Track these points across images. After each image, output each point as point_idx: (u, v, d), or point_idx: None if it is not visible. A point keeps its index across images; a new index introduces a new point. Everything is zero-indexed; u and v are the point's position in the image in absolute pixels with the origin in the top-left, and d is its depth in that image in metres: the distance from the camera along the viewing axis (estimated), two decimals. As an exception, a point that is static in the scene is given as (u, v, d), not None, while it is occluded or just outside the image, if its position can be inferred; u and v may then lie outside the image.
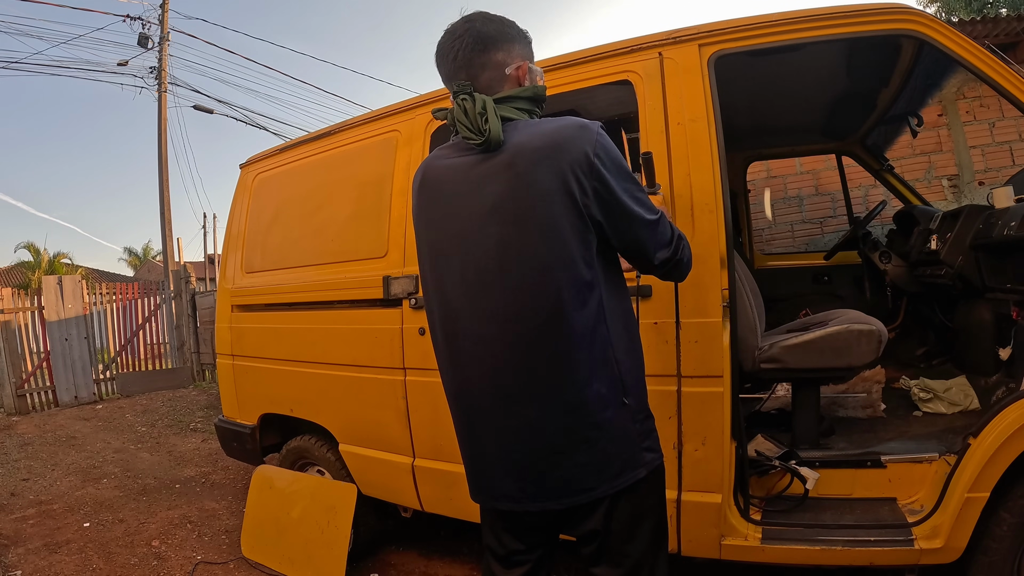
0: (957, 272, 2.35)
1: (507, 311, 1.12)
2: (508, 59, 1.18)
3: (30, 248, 21.09)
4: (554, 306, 1.09)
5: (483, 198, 1.12)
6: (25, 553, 3.00)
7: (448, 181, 1.18)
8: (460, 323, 1.17)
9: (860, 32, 1.80)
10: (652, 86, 1.91)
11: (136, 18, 10.72)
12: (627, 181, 1.13)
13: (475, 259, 1.13)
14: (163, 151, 10.64)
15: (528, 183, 1.08)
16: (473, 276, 1.14)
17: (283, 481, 2.76)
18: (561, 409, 1.11)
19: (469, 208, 1.14)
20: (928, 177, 4.90)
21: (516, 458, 1.15)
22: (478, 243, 1.13)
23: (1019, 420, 1.58)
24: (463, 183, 1.15)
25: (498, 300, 1.12)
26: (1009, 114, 4.78)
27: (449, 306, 1.18)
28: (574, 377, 1.10)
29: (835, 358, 2.03)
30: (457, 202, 1.16)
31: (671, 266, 1.21)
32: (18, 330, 7.33)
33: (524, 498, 1.16)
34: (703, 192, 1.81)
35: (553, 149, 1.08)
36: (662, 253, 1.18)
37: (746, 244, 3.74)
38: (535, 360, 1.11)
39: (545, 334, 1.10)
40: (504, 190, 1.10)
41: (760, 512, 1.88)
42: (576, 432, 1.12)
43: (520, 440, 1.14)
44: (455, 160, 1.18)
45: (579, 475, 1.12)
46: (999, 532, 1.62)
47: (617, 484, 1.14)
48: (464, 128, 1.11)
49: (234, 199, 3.16)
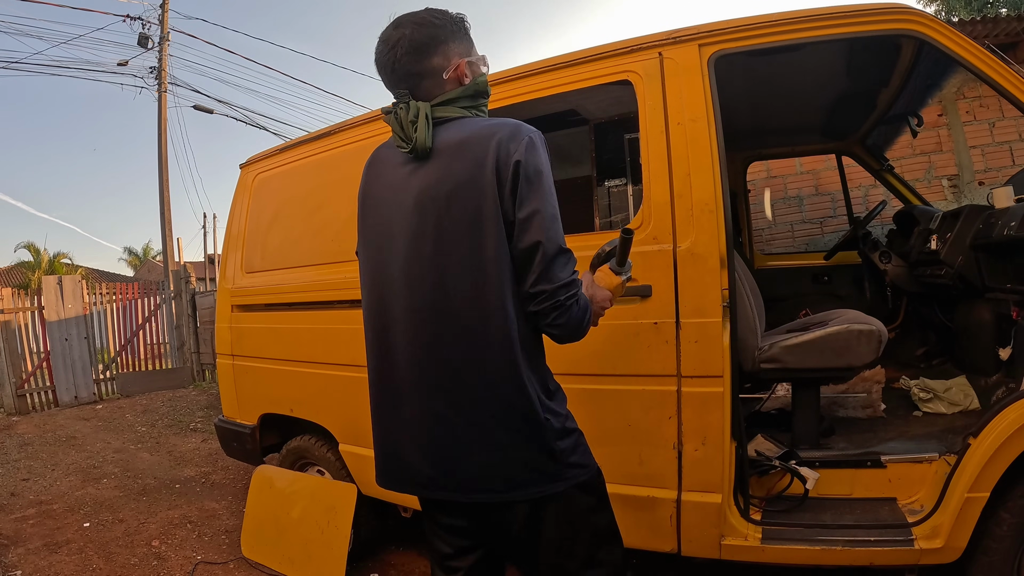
0: (957, 272, 2.35)
1: (426, 304, 1.14)
2: (444, 62, 1.18)
3: (30, 248, 21.12)
4: (472, 304, 1.11)
5: (409, 191, 1.16)
6: (25, 553, 3.00)
7: (384, 174, 1.23)
8: (389, 313, 1.19)
9: (860, 32, 1.80)
10: (652, 86, 1.91)
11: (136, 18, 10.73)
12: (542, 198, 1.11)
13: (400, 251, 1.17)
14: (163, 151, 10.64)
15: (449, 173, 1.11)
16: (398, 269, 1.17)
17: (283, 481, 2.76)
18: (472, 406, 1.13)
19: (398, 201, 1.18)
20: (928, 177, 4.90)
21: (431, 446, 1.17)
22: (403, 235, 1.16)
23: (1019, 420, 1.58)
24: (394, 176, 1.20)
25: (418, 293, 1.15)
26: (1009, 114, 4.78)
27: (379, 295, 1.22)
28: (487, 378, 1.12)
29: (835, 358, 2.03)
30: (388, 195, 1.20)
31: (548, 306, 1.11)
32: (18, 330, 7.33)
33: (434, 486, 1.19)
34: (703, 192, 1.81)
35: (478, 143, 1.11)
36: (541, 285, 1.10)
37: (746, 244, 3.74)
38: (452, 354, 1.13)
39: (464, 331, 1.12)
40: (428, 183, 1.13)
41: (760, 512, 1.88)
42: (486, 431, 1.13)
43: (435, 427, 1.16)
44: (393, 152, 1.22)
45: (486, 474, 1.14)
46: (999, 532, 1.62)
47: (529, 493, 1.14)
48: (396, 136, 1.16)
49: (234, 199, 3.16)
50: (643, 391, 1.85)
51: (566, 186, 4.08)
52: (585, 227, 3.51)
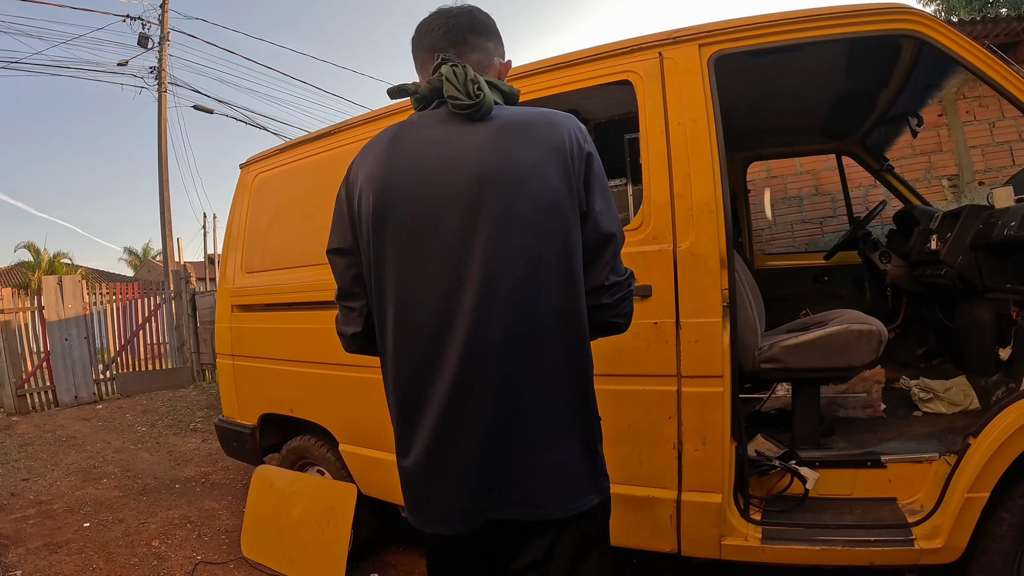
0: (957, 272, 2.35)
1: (486, 293, 0.99)
2: (497, 51, 1.17)
3: (30, 248, 21.11)
4: (555, 300, 1.01)
5: (465, 169, 1.01)
6: (25, 553, 3.00)
7: (419, 151, 1.05)
8: (445, 311, 1.00)
9: (860, 32, 1.80)
10: (652, 86, 1.91)
11: (136, 18, 10.73)
12: (608, 192, 1.10)
13: (458, 238, 1.00)
14: (163, 151, 10.64)
15: (517, 154, 1.01)
16: (456, 260, 1.00)
17: (283, 481, 2.76)
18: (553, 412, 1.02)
19: (449, 180, 1.02)
20: (928, 177, 4.90)
21: (502, 460, 1.01)
22: (462, 221, 1.00)
23: (1019, 420, 1.58)
24: (436, 152, 1.04)
25: (476, 282, 0.99)
26: (1009, 114, 4.78)
27: (409, 286, 1.03)
28: (571, 380, 1.03)
29: (835, 358, 2.03)
30: (432, 173, 1.03)
31: (619, 297, 1.10)
32: (18, 330, 7.33)
33: (501, 505, 1.03)
34: (703, 192, 1.81)
35: (548, 128, 1.04)
36: (614, 277, 1.08)
37: (746, 244, 3.74)
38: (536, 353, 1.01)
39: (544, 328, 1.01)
40: (492, 162, 1.01)
41: (760, 512, 1.88)
42: (562, 438, 1.03)
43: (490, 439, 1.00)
44: (429, 129, 1.07)
45: (539, 487, 1.01)
46: (999, 532, 1.62)
47: (572, 508, 1.03)
48: (454, 89, 1.01)
49: (234, 199, 3.16)
50: (643, 391, 1.85)
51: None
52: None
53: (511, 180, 1.00)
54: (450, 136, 1.04)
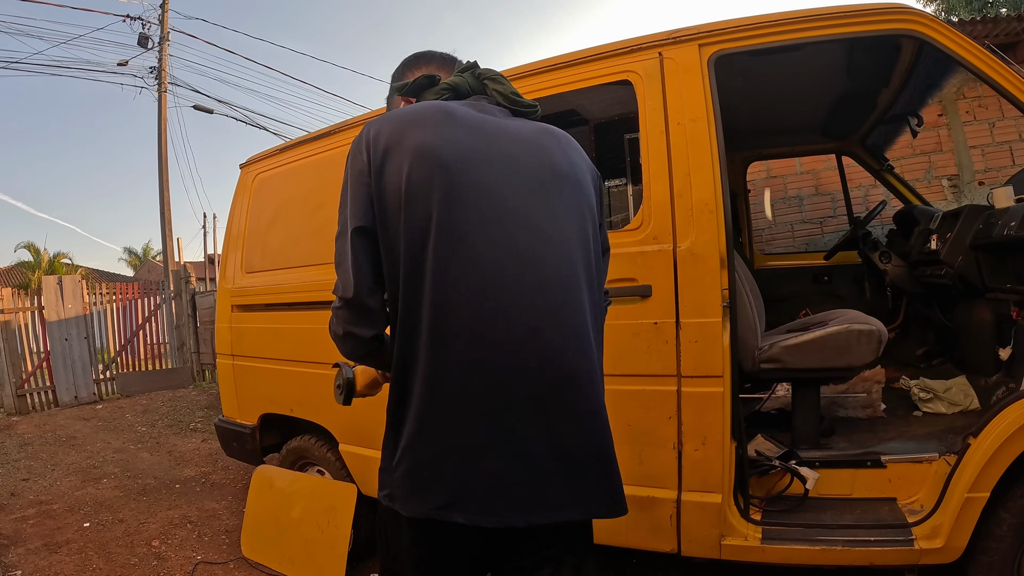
0: (957, 272, 2.35)
1: (561, 278, 0.99)
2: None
3: (30, 248, 21.11)
4: (587, 283, 1.04)
5: (530, 156, 1.02)
6: (25, 553, 2.99)
7: (485, 128, 1.02)
8: (507, 287, 0.95)
9: (860, 32, 1.80)
10: (652, 86, 1.91)
11: (136, 18, 10.73)
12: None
13: (544, 219, 0.99)
14: (163, 151, 10.65)
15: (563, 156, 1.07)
16: (543, 237, 0.98)
17: (283, 481, 2.76)
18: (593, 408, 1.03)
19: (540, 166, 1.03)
20: (928, 177, 4.90)
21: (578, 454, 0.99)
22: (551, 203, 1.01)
23: (1019, 420, 1.58)
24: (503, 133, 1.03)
25: (554, 265, 0.98)
26: (1009, 114, 4.78)
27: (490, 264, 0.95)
28: (596, 378, 1.05)
29: (835, 358, 2.03)
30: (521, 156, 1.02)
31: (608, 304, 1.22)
32: (18, 330, 7.32)
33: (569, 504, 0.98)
34: (703, 192, 1.81)
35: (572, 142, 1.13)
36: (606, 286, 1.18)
37: (746, 244, 3.74)
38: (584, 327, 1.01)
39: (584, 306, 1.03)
40: (562, 156, 1.06)
41: (760, 512, 1.88)
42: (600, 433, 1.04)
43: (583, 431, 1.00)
44: (492, 118, 1.05)
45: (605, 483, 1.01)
46: (999, 532, 1.62)
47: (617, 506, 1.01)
48: (508, 88, 1.09)
49: (234, 199, 3.16)
50: (643, 391, 1.85)
51: (566, 186, 4.08)
52: (585, 227, 3.51)
53: (576, 180, 1.06)
54: (508, 125, 1.05)
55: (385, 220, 0.97)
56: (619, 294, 1.88)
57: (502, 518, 0.94)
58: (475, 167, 0.97)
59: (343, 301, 1.00)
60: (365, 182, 0.99)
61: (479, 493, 0.94)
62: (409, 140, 0.97)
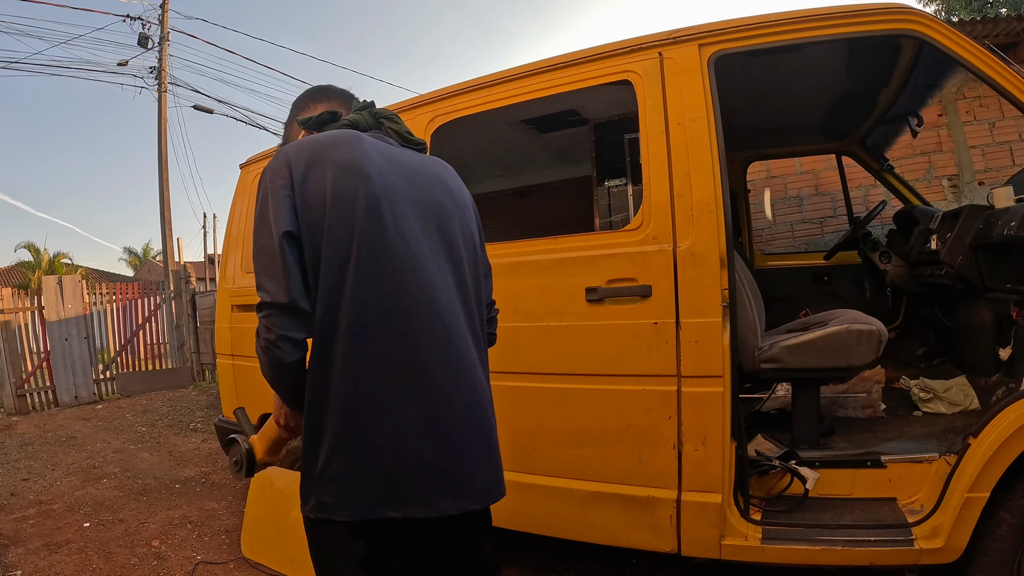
0: (957, 272, 2.34)
1: (459, 281, 1.13)
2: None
3: (30, 248, 21.10)
4: (479, 285, 1.20)
5: (429, 184, 1.16)
6: (25, 553, 2.99)
7: (391, 156, 1.13)
8: (419, 288, 1.06)
9: (860, 32, 1.80)
10: (652, 86, 1.91)
11: (136, 18, 10.73)
12: None
13: (444, 233, 1.13)
14: (163, 151, 10.65)
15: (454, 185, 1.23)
16: (438, 245, 1.12)
17: (283, 481, 2.75)
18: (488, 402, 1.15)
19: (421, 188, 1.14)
20: (928, 177, 4.90)
21: (488, 438, 1.11)
22: (448, 220, 1.15)
23: (1019, 420, 1.58)
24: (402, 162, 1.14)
25: (459, 269, 1.14)
26: (1009, 114, 4.78)
27: (403, 270, 1.05)
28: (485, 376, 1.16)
29: (835, 358, 2.03)
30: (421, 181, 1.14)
31: (495, 315, 1.36)
32: (18, 330, 7.32)
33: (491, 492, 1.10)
34: (703, 192, 1.81)
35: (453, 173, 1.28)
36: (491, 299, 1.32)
37: (746, 244, 3.74)
38: (477, 331, 1.17)
39: (479, 309, 1.19)
40: (444, 184, 1.20)
41: (760, 512, 1.88)
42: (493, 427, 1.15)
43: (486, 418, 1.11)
44: (393, 148, 1.17)
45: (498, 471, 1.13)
46: (999, 532, 1.62)
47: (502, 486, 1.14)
48: (402, 126, 1.22)
49: (234, 199, 3.16)
50: (643, 391, 1.85)
51: (566, 186, 4.09)
52: (585, 227, 3.51)
53: (464, 205, 1.22)
54: (408, 153, 1.19)
55: (308, 231, 1.01)
56: (619, 294, 1.88)
57: (436, 506, 1.00)
58: (391, 183, 1.08)
59: (277, 307, 1.00)
60: (288, 194, 1.02)
61: (411, 484, 1.00)
62: (331, 156, 1.05)
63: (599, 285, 1.91)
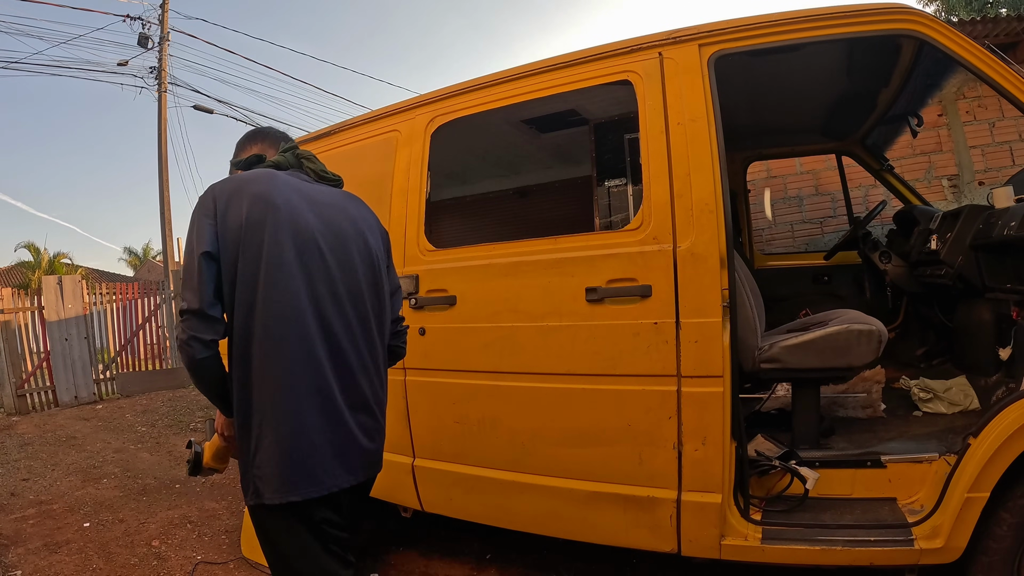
0: (957, 272, 2.34)
1: (351, 298, 1.35)
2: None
3: (30, 248, 21.08)
4: (378, 303, 1.43)
5: (336, 215, 1.38)
6: (25, 553, 2.99)
7: (301, 190, 1.36)
8: (316, 301, 1.29)
9: (860, 32, 1.80)
10: (652, 86, 1.91)
11: (136, 18, 10.73)
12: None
13: (341, 255, 1.35)
14: (163, 151, 10.65)
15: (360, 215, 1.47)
16: (342, 267, 1.34)
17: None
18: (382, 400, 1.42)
19: (327, 218, 1.36)
20: (928, 177, 4.90)
21: (368, 428, 1.36)
22: (346, 244, 1.37)
23: (1019, 420, 1.58)
24: (312, 196, 1.37)
25: (354, 287, 1.36)
26: (1009, 114, 4.78)
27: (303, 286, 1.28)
28: (383, 375, 1.44)
29: (835, 358, 2.03)
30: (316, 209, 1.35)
31: (403, 330, 1.60)
32: (18, 330, 7.32)
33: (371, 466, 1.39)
34: (703, 192, 1.81)
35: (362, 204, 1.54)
36: (400, 315, 1.57)
37: (746, 244, 3.74)
38: (373, 341, 1.40)
39: (380, 324, 1.43)
40: (351, 215, 1.43)
41: (760, 512, 1.88)
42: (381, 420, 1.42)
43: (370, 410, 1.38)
44: (304, 183, 1.41)
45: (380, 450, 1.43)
46: (999, 532, 1.62)
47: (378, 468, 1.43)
48: (318, 173, 1.47)
49: (234, 199, 3.15)
50: (643, 391, 1.85)
51: (566, 186, 4.08)
52: (585, 227, 3.51)
53: (368, 232, 1.44)
54: (319, 187, 1.42)
55: (226, 251, 1.24)
56: (619, 294, 1.88)
57: (336, 483, 1.27)
58: (297, 212, 1.29)
59: (190, 312, 1.21)
60: (211, 222, 1.25)
61: (316, 467, 1.24)
62: (247, 190, 1.28)
63: (599, 285, 1.91)
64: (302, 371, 1.24)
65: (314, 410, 1.25)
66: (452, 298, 2.19)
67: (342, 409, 1.29)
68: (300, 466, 1.23)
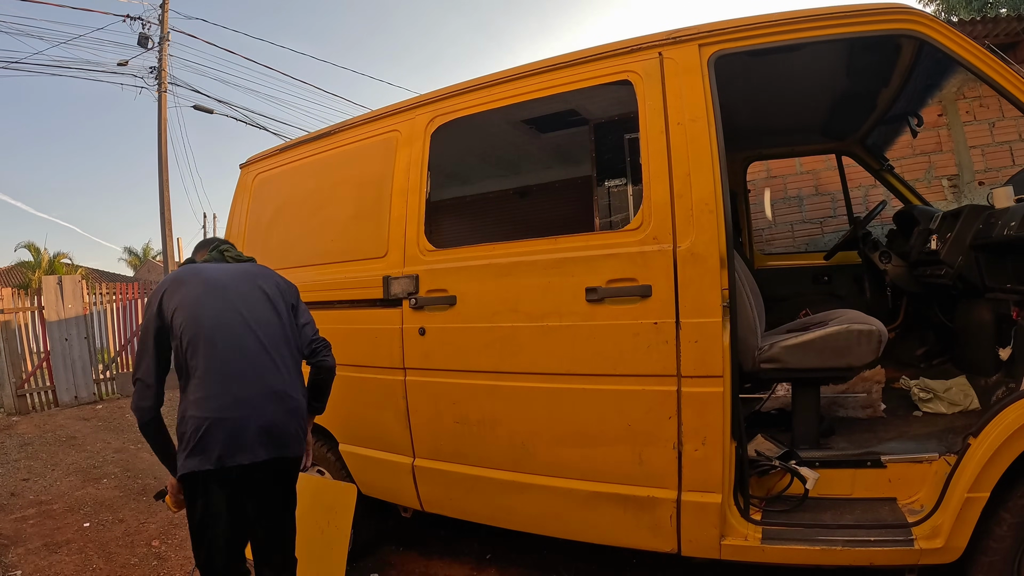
0: (957, 272, 2.34)
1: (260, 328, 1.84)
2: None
3: (30, 248, 21.08)
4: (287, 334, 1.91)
5: (242, 280, 1.90)
6: (25, 553, 3.00)
7: (211, 268, 1.91)
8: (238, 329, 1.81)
9: (860, 32, 1.80)
10: (652, 86, 1.91)
11: (136, 18, 10.72)
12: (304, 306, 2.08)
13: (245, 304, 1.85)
14: (163, 151, 10.64)
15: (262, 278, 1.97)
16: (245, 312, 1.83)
17: (283, 481, 2.75)
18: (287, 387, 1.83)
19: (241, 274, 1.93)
20: (928, 177, 4.90)
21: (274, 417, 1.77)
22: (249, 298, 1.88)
23: (1019, 420, 1.58)
24: (223, 272, 1.91)
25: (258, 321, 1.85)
26: (1009, 114, 4.78)
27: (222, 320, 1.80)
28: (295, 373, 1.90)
29: (835, 358, 2.03)
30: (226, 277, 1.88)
31: (321, 345, 2.03)
32: (18, 330, 7.33)
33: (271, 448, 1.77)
34: (703, 192, 1.81)
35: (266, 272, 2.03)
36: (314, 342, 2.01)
37: (746, 244, 3.74)
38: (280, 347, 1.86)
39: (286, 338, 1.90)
40: (260, 272, 1.99)
41: (760, 512, 1.88)
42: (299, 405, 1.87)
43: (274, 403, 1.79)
44: (219, 264, 1.96)
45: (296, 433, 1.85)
46: (999, 532, 1.62)
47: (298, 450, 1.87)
48: (236, 252, 2.05)
49: (234, 199, 3.16)
50: (643, 391, 1.85)
51: (566, 186, 4.08)
52: (585, 227, 3.51)
53: (267, 289, 1.93)
54: (230, 266, 1.96)
55: (174, 322, 1.77)
56: (619, 294, 1.88)
57: (234, 460, 1.70)
58: (219, 283, 1.84)
59: (138, 381, 1.81)
60: (157, 310, 1.79)
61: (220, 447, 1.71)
62: (184, 278, 1.84)
63: (599, 285, 1.91)
64: (219, 382, 1.77)
65: (224, 406, 1.76)
66: (452, 298, 2.19)
67: (249, 405, 1.75)
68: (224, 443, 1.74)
